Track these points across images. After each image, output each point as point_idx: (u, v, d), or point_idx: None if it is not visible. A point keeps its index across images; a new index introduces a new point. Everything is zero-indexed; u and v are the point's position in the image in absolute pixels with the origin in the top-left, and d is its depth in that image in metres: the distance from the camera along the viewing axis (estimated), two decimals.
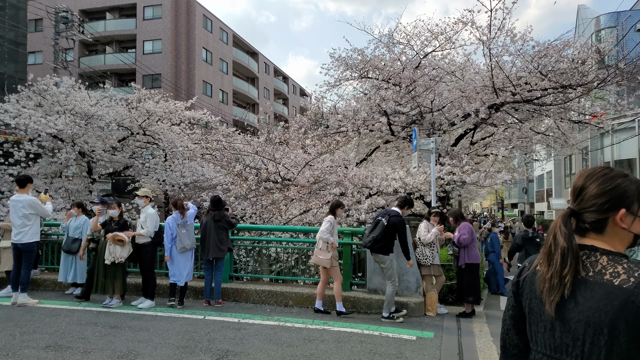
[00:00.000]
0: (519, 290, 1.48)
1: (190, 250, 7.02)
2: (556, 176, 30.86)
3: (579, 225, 1.38)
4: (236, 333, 5.58)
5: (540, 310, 1.37)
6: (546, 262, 1.36)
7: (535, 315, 1.39)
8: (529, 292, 1.42)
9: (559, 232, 1.36)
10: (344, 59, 12.31)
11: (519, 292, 1.48)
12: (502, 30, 11.12)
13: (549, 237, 1.39)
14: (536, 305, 1.39)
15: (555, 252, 1.34)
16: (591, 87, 10.87)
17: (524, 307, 1.46)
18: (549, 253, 1.36)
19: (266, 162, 10.22)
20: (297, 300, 7.15)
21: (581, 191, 1.40)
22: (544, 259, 1.39)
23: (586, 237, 1.38)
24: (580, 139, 16.95)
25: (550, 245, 1.37)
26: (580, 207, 1.39)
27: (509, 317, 1.52)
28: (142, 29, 35.06)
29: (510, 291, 1.53)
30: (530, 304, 1.41)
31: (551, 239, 1.37)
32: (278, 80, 52.18)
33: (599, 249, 1.34)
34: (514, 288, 1.50)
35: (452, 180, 9.75)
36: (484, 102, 11.15)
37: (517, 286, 1.49)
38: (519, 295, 1.48)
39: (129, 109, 15.98)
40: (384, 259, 6.53)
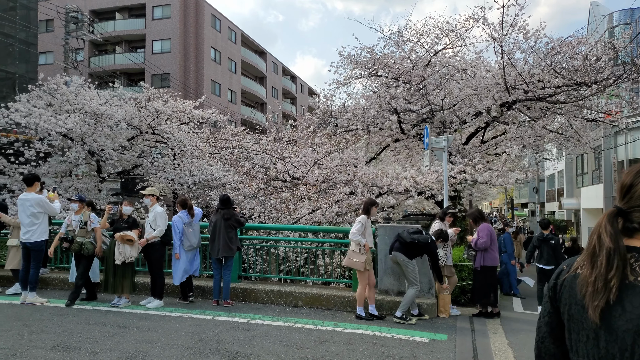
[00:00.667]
0: (556, 295, 1.37)
1: (196, 248, 7.12)
2: (568, 175, 30.45)
3: (625, 225, 1.27)
4: (245, 334, 5.50)
5: (581, 317, 1.25)
6: (589, 264, 1.25)
7: (576, 323, 1.27)
8: (569, 297, 1.31)
9: (604, 232, 1.25)
10: (353, 57, 12.19)
11: (556, 297, 1.36)
12: (514, 27, 10.94)
13: (593, 237, 1.28)
14: (577, 312, 1.27)
15: (600, 253, 1.23)
16: (607, 85, 10.64)
17: (562, 313, 1.34)
18: (593, 254, 1.25)
19: (275, 161, 10.14)
20: (306, 301, 7.05)
21: (630, 189, 1.29)
22: (586, 260, 1.27)
23: (634, 238, 1.26)
24: (594, 138, 16.66)
25: (594, 245, 1.26)
26: (629, 205, 1.28)
27: (545, 324, 1.41)
28: (151, 29, 35.19)
29: (547, 296, 1.41)
30: (570, 310, 1.30)
31: (595, 239, 1.27)
32: (286, 80, 52.16)
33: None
34: (551, 293, 1.39)
35: (464, 179, 9.60)
36: (496, 100, 10.98)
37: (554, 290, 1.38)
38: (556, 301, 1.36)
39: (138, 108, 16.00)
40: (407, 263, 6.37)
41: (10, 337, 5.09)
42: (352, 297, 6.88)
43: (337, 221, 9.52)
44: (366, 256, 6.26)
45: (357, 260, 6.24)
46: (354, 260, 6.27)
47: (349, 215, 9.32)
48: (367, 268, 6.29)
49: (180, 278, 6.91)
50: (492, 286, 7.17)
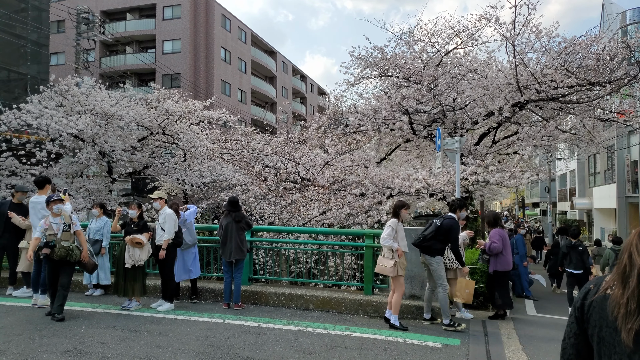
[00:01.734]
0: (583, 316, 1.31)
1: (192, 246, 7.24)
2: (580, 175, 30.09)
3: None
4: (256, 338, 5.47)
5: (614, 340, 1.20)
6: (620, 284, 1.20)
7: (608, 346, 1.21)
8: (598, 319, 1.25)
9: (635, 251, 1.20)
10: (363, 57, 12.11)
11: (584, 319, 1.30)
12: (526, 26, 10.78)
13: (623, 255, 1.23)
14: (608, 335, 1.21)
15: (632, 273, 1.18)
16: (621, 84, 10.47)
17: (590, 335, 1.28)
18: (624, 274, 1.20)
19: (285, 162, 10.11)
20: (317, 304, 7.01)
21: None
22: (617, 280, 1.22)
23: None
24: (607, 137, 16.41)
25: (625, 265, 1.21)
26: None
27: (571, 346, 1.35)
28: (162, 29, 35.37)
29: (573, 317, 1.36)
30: (601, 333, 1.24)
31: (626, 258, 1.21)
32: (296, 79, 52.15)
33: None
34: (578, 313, 1.33)
35: (476, 180, 9.49)
36: (508, 100, 10.84)
37: (582, 311, 1.32)
38: (584, 322, 1.30)
39: (149, 109, 16.07)
40: (430, 261, 6.31)
41: (22, 342, 5.11)
42: (363, 301, 6.84)
43: (347, 223, 9.47)
44: (399, 260, 6.07)
45: (386, 266, 6.05)
46: (382, 265, 6.11)
47: (359, 217, 9.26)
48: (399, 274, 6.08)
49: (178, 277, 6.99)
50: (505, 290, 7.23)
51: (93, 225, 7.75)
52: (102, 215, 7.85)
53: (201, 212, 13.89)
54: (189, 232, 7.20)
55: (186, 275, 7.25)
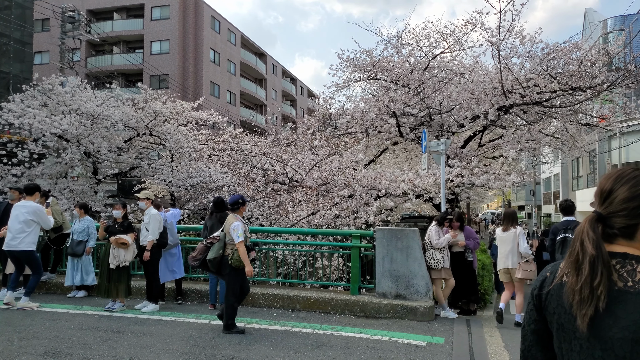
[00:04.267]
0: (542, 303, 1.34)
1: (174, 246, 7.26)
2: (563, 178, 30.57)
3: (605, 230, 1.26)
4: (242, 338, 5.46)
5: (572, 327, 1.23)
6: (574, 271, 1.23)
7: (567, 333, 1.25)
8: (557, 307, 1.28)
9: (586, 239, 1.23)
10: (352, 60, 12.21)
11: (542, 306, 1.34)
12: (511, 32, 10.98)
13: (575, 243, 1.26)
14: (567, 321, 1.25)
15: (584, 260, 1.21)
16: (601, 90, 10.70)
17: (550, 322, 1.32)
18: (577, 261, 1.23)
19: (273, 163, 10.12)
20: (304, 305, 7.03)
21: (609, 194, 1.28)
22: (571, 268, 1.25)
23: (615, 244, 1.25)
24: (589, 142, 16.73)
25: (578, 253, 1.24)
26: (609, 211, 1.26)
27: (531, 333, 1.39)
28: (150, 30, 35.13)
29: (531, 304, 1.39)
30: (560, 320, 1.27)
31: (578, 246, 1.24)
32: (286, 82, 52.15)
33: (633, 256, 1.22)
34: (536, 301, 1.36)
35: (461, 182, 9.61)
36: (493, 104, 11.01)
37: (540, 299, 1.35)
38: (543, 309, 1.34)
39: (136, 109, 15.94)
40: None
41: (0, 343, 5.03)
42: (349, 301, 6.87)
43: (335, 224, 9.50)
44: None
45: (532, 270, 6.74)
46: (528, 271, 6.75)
47: (347, 218, 9.30)
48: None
49: (162, 278, 6.99)
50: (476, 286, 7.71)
51: (76, 226, 7.66)
52: (85, 216, 7.76)
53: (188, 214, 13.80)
54: (170, 233, 7.20)
55: (170, 276, 7.22)
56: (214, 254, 5.58)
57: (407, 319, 6.55)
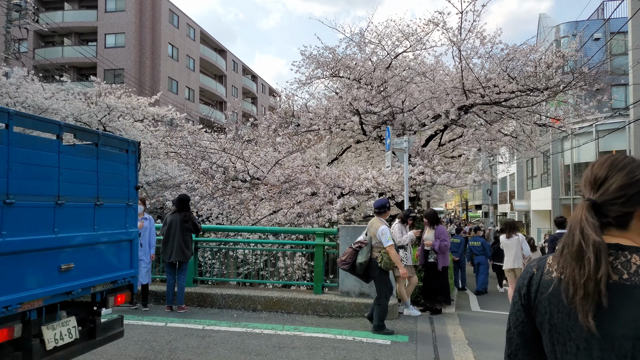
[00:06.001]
0: (530, 303, 1.23)
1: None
2: (519, 178, 31.68)
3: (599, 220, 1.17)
4: (200, 341, 5.21)
5: (568, 327, 1.12)
6: (575, 263, 1.11)
7: (562, 334, 1.14)
8: (548, 306, 1.17)
9: (587, 226, 1.12)
10: (315, 56, 12.06)
11: (531, 306, 1.22)
12: (472, 32, 11.16)
13: (574, 232, 1.15)
14: (561, 321, 1.14)
15: (587, 249, 1.10)
16: (557, 91, 11.06)
17: (540, 323, 1.21)
18: (578, 252, 1.12)
19: (234, 160, 9.83)
20: (266, 305, 6.83)
21: (604, 181, 1.19)
22: (569, 260, 1.14)
23: (607, 234, 1.16)
24: (544, 142, 17.36)
25: (579, 242, 1.12)
26: (604, 199, 1.17)
27: (518, 335, 1.27)
28: (104, 22, 33.71)
29: (518, 304, 1.26)
30: (552, 320, 1.16)
31: (578, 235, 1.13)
32: (247, 79, 51.44)
33: (626, 247, 1.13)
34: (524, 301, 1.24)
35: (423, 180, 9.67)
36: (454, 104, 11.16)
37: (528, 298, 1.24)
38: (532, 309, 1.23)
39: (88, 104, 15.22)
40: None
41: None
42: (313, 300, 6.73)
43: (298, 222, 9.33)
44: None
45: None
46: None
47: (310, 216, 9.16)
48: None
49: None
50: (447, 285, 7.61)
51: None
52: None
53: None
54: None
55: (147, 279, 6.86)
56: (364, 258, 5.71)
57: None
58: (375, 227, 5.82)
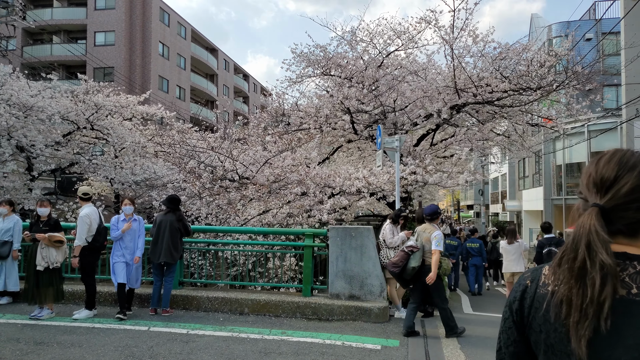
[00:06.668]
0: (524, 320, 1.07)
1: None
2: (510, 178, 31.70)
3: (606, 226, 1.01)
4: (184, 346, 5.02)
5: (567, 349, 0.96)
6: (575, 282, 0.96)
7: (560, 355, 0.97)
8: (544, 323, 1.01)
9: (596, 240, 0.96)
10: (306, 54, 11.88)
11: (525, 323, 1.07)
12: (464, 30, 11.05)
13: (579, 245, 0.98)
14: (558, 341, 0.98)
15: (592, 269, 0.94)
16: (550, 90, 10.97)
17: (535, 343, 1.04)
18: (581, 269, 0.95)
19: (222, 159, 9.62)
20: (253, 308, 6.64)
21: (613, 183, 1.02)
22: (566, 276, 0.98)
23: (615, 243, 0.99)
24: (536, 142, 17.31)
25: (584, 259, 0.96)
26: (615, 203, 1.00)
27: (510, 356, 1.11)
28: (94, 20, 33.27)
29: (510, 321, 1.11)
30: (549, 340, 1.00)
31: (583, 250, 0.96)
32: (238, 78, 51.11)
33: (634, 256, 0.97)
34: (517, 317, 1.09)
35: (415, 180, 9.53)
36: (446, 103, 11.04)
37: (521, 314, 1.08)
38: (526, 327, 1.07)
39: (76, 102, 14.93)
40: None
41: None
42: (301, 303, 6.56)
43: (288, 223, 9.15)
44: None
45: None
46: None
47: (300, 217, 8.98)
48: None
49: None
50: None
51: (1, 225, 6.89)
52: (12, 214, 7.00)
53: None
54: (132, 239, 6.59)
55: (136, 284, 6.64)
56: (417, 262, 5.77)
57: (361, 321, 6.32)
58: (430, 232, 5.90)
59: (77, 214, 13.44)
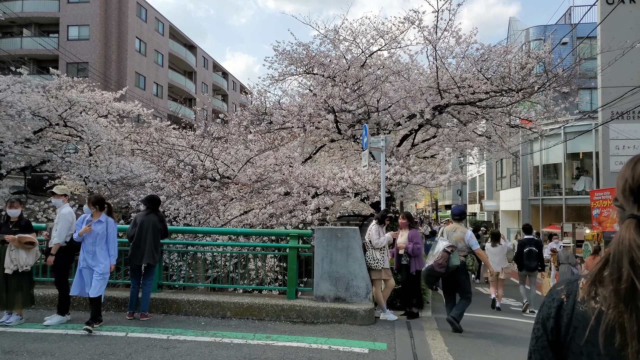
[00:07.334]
0: (560, 339, 0.96)
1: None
2: (488, 179, 32.16)
3: None
4: (164, 353, 4.79)
5: None
6: (626, 307, 0.84)
7: None
8: (586, 345, 0.90)
9: (638, 254, 0.85)
10: (288, 52, 11.71)
11: (562, 342, 0.95)
12: (448, 30, 11.06)
13: (621, 262, 0.87)
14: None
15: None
16: (531, 92, 11.08)
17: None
18: (629, 290, 0.84)
19: (203, 158, 9.36)
20: (235, 311, 6.44)
21: None
22: (614, 300, 0.86)
23: None
24: (515, 143, 17.54)
25: (631, 278, 0.85)
26: None
27: None
28: (66, 13, 32.27)
29: (543, 339, 0.99)
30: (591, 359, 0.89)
31: (627, 269, 0.86)
32: (217, 76, 50.45)
33: None
34: (552, 336, 0.97)
35: (399, 180, 9.47)
36: (429, 103, 11.03)
37: (558, 333, 0.96)
38: (563, 347, 0.94)
39: (47, 97, 14.38)
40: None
41: None
42: (286, 306, 6.39)
43: (271, 223, 8.96)
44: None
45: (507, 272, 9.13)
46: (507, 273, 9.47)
47: (283, 217, 8.80)
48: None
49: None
50: (420, 289, 7.55)
51: None
52: None
53: None
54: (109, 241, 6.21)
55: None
56: (458, 261, 6.19)
57: (347, 324, 6.19)
58: (462, 231, 6.45)
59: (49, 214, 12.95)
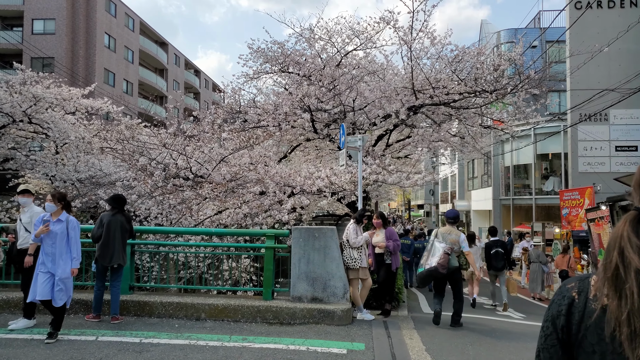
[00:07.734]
0: (571, 338, 0.94)
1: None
2: (460, 179, 32.73)
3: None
4: (137, 357, 4.63)
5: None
6: (615, 293, 0.86)
7: None
8: (598, 343, 0.88)
9: (628, 246, 0.87)
10: (263, 50, 11.59)
11: (573, 341, 0.93)
12: (423, 31, 11.15)
13: (612, 253, 0.89)
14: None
15: (627, 277, 0.85)
16: (505, 93, 11.29)
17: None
18: (617, 278, 0.86)
19: (175, 157, 9.14)
20: (210, 313, 6.29)
21: None
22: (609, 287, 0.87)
23: None
24: (487, 144, 17.90)
25: (617, 266, 0.87)
26: None
27: None
28: (31, 6, 31.10)
29: (553, 337, 0.97)
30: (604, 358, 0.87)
31: (616, 257, 0.88)
32: (189, 74, 49.64)
33: None
34: (563, 335, 0.95)
35: (375, 180, 9.48)
36: (404, 104, 11.10)
37: (569, 332, 0.94)
38: (574, 346, 0.93)
39: (11, 93, 13.80)
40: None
41: None
42: (262, 307, 6.28)
43: (246, 223, 8.82)
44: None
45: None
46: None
47: (259, 217, 8.67)
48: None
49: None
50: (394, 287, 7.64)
51: None
52: None
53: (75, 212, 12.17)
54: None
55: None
56: (456, 262, 6.62)
57: (324, 324, 6.14)
58: (457, 234, 6.77)
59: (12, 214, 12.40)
